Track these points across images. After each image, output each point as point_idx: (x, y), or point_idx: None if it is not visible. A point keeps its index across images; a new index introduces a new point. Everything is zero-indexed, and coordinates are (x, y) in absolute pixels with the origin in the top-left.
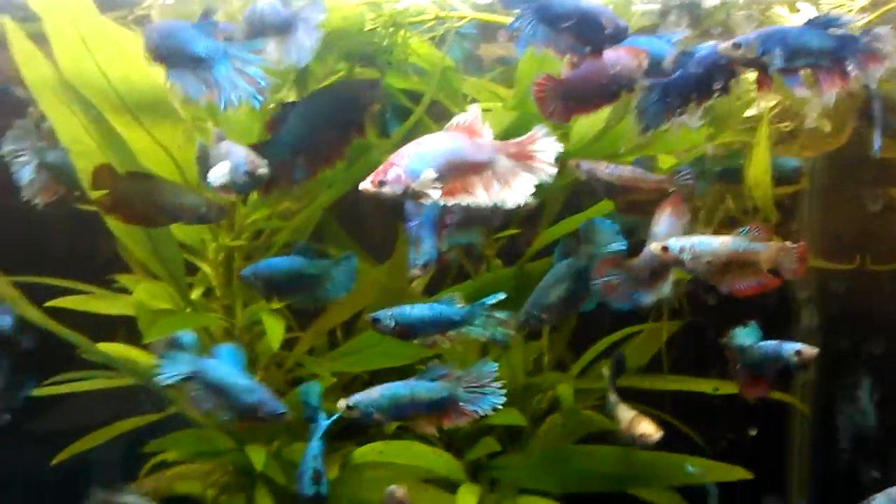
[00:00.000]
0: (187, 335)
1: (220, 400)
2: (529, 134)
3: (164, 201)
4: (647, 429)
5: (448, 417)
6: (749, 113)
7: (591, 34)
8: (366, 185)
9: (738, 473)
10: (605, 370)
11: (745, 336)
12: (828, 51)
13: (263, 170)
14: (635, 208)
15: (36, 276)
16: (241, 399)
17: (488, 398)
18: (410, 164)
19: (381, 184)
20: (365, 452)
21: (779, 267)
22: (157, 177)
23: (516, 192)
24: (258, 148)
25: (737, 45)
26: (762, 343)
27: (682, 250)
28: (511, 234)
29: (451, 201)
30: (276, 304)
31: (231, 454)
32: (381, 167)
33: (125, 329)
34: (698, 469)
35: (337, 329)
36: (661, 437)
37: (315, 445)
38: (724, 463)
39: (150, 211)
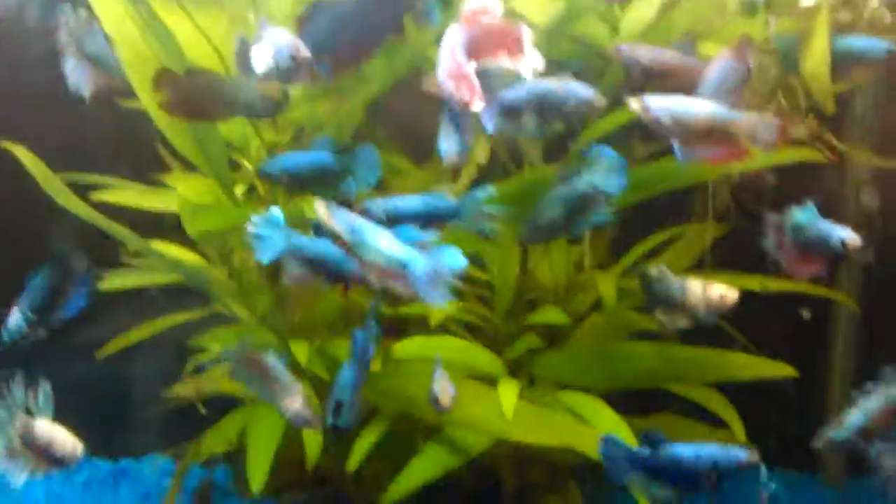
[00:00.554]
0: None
1: (318, 270)
2: None
3: (222, 96)
4: (723, 290)
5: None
6: (807, 2)
7: None
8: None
9: (783, 370)
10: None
11: (800, 215)
12: None
13: (307, 53)
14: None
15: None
16: (339, 267)
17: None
18: None
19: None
20: (406, 347)
21: (755, 138)
22: (213, 72)
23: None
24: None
25: None
26: (816, 222)
27: (661, 110)
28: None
29: None
30: None
31: (274, 348)
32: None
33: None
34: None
35: None
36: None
37: (346, 374)
38: (768, 359)
39: (209, 107)
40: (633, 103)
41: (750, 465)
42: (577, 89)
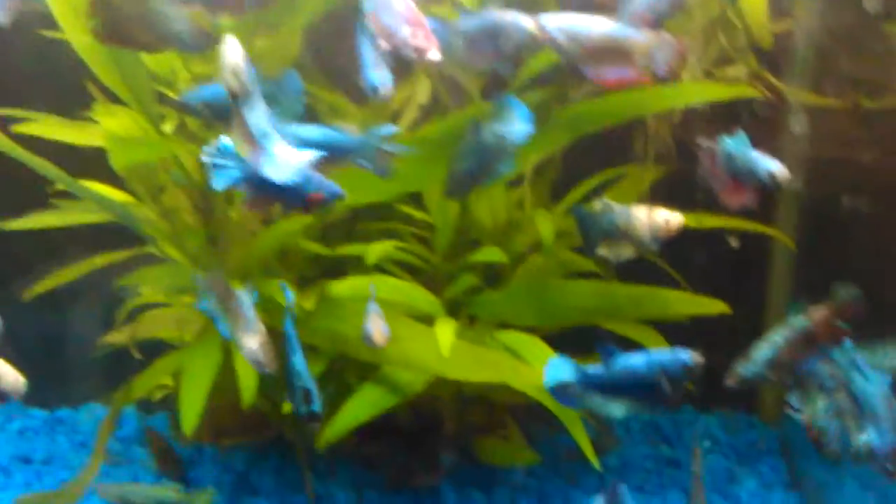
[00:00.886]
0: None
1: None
2: None
3: (154, 26)
4: (668, 214)
5: None
6: None
7: None
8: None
9: (717, 307)
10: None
11: (732, 144)
12: None
13: None
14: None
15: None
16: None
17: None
18: None
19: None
20: (342, 286)
21: (653, 60)
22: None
23: None
24: None
25: None
26: (747, 152)
27: (558, 30)
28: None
29: None
30: None
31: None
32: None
33: None
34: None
35: None
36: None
37: (297, 361)
38: (704, 296)
39: (140, 36)
40: (528, 23)
41: (696, 368)
42: (521, 21)
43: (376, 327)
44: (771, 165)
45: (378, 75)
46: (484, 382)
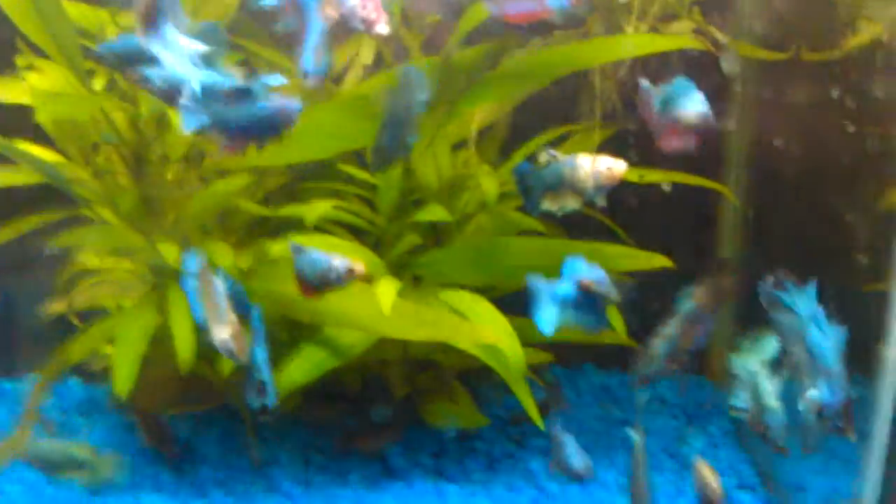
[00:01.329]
0: None
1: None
2: None
3: None
4: (611, 162)
5: None
6: None
7: None
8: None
9: (660, 261)
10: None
11: (668, 88)
12: None
13: None
14: None
15: None
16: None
17: None
18: None
19: None
20: (280, 245)
21: None
22: None
23: None
24: None
25: None
26: (683, 95)
27: None
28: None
29: None
30: None
31: (142, 251)
32: None
33: None
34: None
35: None
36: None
37: (257, 353)
38: (645, 251)
39: None
40: None
41: None
42: None
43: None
44: (698, 106)
45: (314, 60)
46: (431, 345)
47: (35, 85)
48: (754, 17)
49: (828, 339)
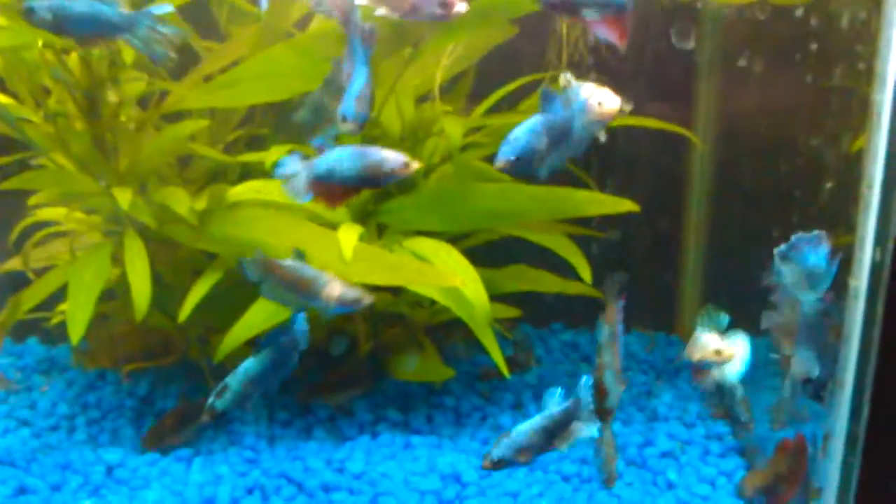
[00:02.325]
0: None
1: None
2: None
3: None
4: (604, 95)
5: None
6: None
7: None
8: None
9: (625, 205)
10: None
11: None
12: None
13: None
14: None
15: None
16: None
17: None
18: None
19: None
20: (242, 190)
21: None
22: None
23: None
24: None
25: None
26: None
27: None
28: None
29: None
30: None
31: (95, 198)
32: None
33: None
34: None
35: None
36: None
37: (247, 365)
38: (612, 195)
39: None
40: None
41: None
42: None
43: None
44: None
45: (355, 107)
46: (397, 298)
47: None
48: None
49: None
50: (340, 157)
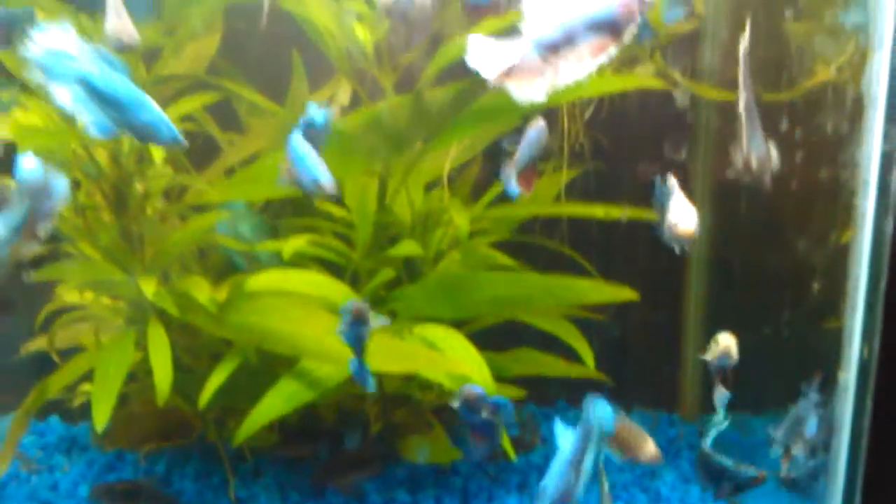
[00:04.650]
0: None
1: (110, 113)
2: None
3: None
4: (682, 216)
5: None
6: None
7: None
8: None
9: (626, 294)
10: None
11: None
12: None
13: None
14: None
15: None
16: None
17: None
18: None
19: None
20: (258, 280)
21: None
22: None
23: None
24: None
25: None
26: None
27: None
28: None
29: None
30: None
31: (122, 286)
32: None
33: None
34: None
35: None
36: None
37: None
38: (613, 283)
39: None
40: None
41: None
42: None
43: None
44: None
45: (322, 173)
46: (406, 380)
47: (20, 121)
48: (714, 61)
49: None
50: None
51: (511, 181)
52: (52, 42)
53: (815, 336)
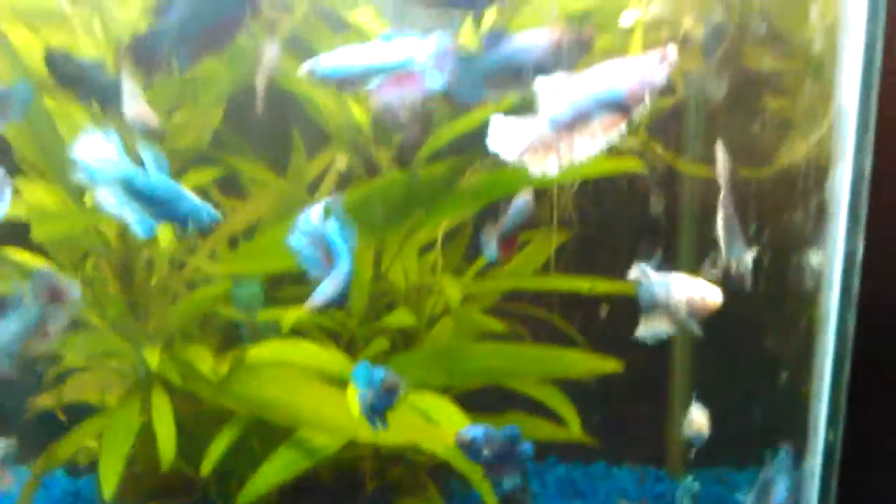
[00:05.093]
0: None
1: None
2: None
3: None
4: (706, 290)
5: None
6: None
7: None
8: None
9: (610, 365)
10: None
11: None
12: None
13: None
14: None
15: None
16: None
17: None
18: None
19: None
20: (259, 351)
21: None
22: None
23: None
24: (144, 38)
25: None
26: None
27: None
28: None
29: None
30: None
31: (127, 356)
32: None
33: None
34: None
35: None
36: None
37: None
38: (598, 355)
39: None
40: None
41: None
42: None
43: None
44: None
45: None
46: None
47: (30, 201)
48: (697, 137)
49: None
50: None
51: (491, 246)
52: (95, 148)
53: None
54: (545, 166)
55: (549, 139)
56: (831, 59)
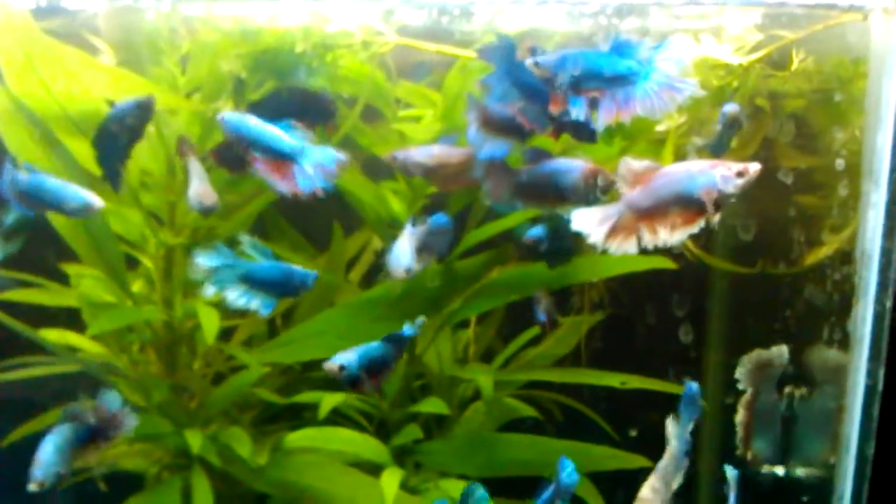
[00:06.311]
0: None
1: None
2: None
3: None
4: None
5: None
6: (660, 128)
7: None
8: None
9: (638, 461)
10: None
11: None
12: (617, 78)
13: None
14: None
15: None
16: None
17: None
18: None
19: None
20: (297, 437)
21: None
22: None
23: None
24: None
25: (536, 63)
26: None
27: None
28: None
29: None
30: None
31: (170, 437)
32: None
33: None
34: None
35: (277, 319)
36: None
37: None
38: (625, 451)
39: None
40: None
41: None
42: None
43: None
44: None
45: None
46: None
47: (83, 293)
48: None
49: None
50: None
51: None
52: (215, 257)
53: None
54: (625, 247)
55: (630, 224)
56: None
